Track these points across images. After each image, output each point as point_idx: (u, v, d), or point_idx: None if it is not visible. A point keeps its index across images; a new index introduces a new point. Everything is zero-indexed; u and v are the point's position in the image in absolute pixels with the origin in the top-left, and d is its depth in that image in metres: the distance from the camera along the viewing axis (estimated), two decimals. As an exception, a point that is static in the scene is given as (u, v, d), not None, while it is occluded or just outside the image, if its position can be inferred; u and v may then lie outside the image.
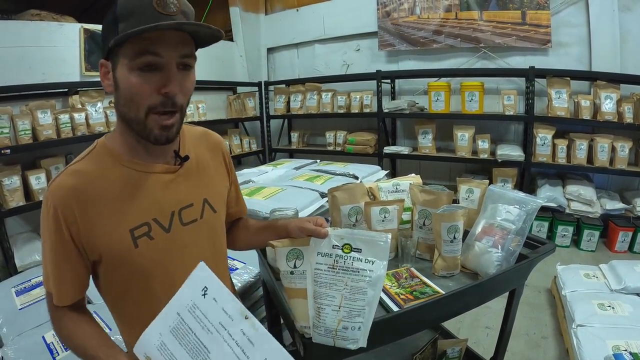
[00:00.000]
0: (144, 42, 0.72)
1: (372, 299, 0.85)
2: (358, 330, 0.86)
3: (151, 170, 0.86)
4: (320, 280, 0.85)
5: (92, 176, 0.81)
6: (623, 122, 3.33)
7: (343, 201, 1.44)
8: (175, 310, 0.74)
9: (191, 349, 0.71)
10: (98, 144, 0.86)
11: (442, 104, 4.06)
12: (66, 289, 0.83)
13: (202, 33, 0.77)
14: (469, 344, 1.82)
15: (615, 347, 1.82)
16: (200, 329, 0.71)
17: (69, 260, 0.81)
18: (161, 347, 0.73)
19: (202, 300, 0.72)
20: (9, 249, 2.92)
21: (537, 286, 2.94)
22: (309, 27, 5.10)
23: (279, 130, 5.45)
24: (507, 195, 1.37)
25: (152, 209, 0.85)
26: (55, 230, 0.79)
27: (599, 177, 3.86)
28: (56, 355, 1.63)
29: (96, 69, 3.66)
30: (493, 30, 3.95)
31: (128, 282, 0.85)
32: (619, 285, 2.35)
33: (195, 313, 0.72)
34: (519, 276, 1.36)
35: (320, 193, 2.27)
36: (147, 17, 0.70)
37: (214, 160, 1.01)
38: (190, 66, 0.80)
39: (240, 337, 0.69)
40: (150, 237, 0.84)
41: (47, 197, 0.80)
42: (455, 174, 4.48)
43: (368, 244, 0.85)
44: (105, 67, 0.79)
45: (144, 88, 0.74)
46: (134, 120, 0.78)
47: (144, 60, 0.73)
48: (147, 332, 0.75)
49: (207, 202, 0.94)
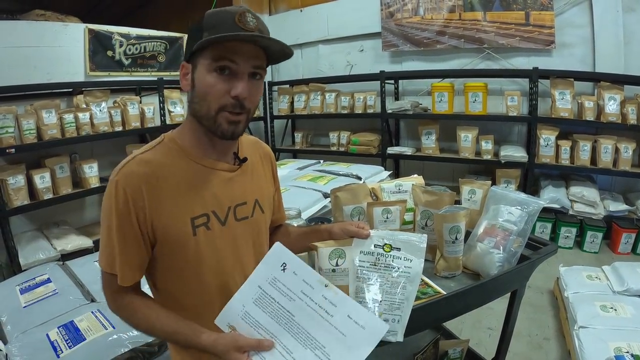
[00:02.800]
0: (223, 49, 0.82)
1: (410, 293, 0.93)
2: (397, 323, 0.92)
3: (214, 167, 0.94)
4: (363, 277, 0.93)
5: (161, 166, 0.89)
6: (627, 123, 3.31)
7: (346, 201, 1.45)
8: (257, 284, 0.82)
9: (275, 314, 0.80)
10: (166, 137, 0.94)
11: (446, 104, 4.05)
12: (130, 270, 0.89)
13: (273, 48, 0.87)
14: (470, 344, 1.82)
15: (617, 349, 1.82)
16: (283, 297, 0.80)
17: (135, 243, 0.87)
18: (245, 316, 0.81)
19: (282, 274, 0.81)
20: (14, 248, 2.94)
21: (539, 287, 2.94)
22: (312, 27, 5.11)
23: (283, 130, 5.47)
24: (509, 196, 1.38)
25: (212, 202, 0.93)
26: (125, 214, 0.85)
27: (602, 179, 3.85)
28: (60, 353, 1.65)
29: (100, 68, 3.69)
30: (497, 31, 3.94)
31: (182, 267, 0.92)
32: (622, 287, 2.34)
33: (276, 285, 0.81)
34: (521, 277, 1.36)
35: (323, 193, 2.28)
36: (228, 29, 0.81)
37: (263, 167, 1.10)
38: (261, 77, 0.89)
39: (322, 300, 0.78)
40: (208, 228, 0.91)
41: (116, 181, 0.85)
42: (459, 174, 4.47)
43: (407, 243, 0.95)
44: (186, 68, 0.89)
45: (218, 88, 0.84)
46: (205, 116, 0.87)
47: (222, 64, 0.83)
48: (229, 305, 0.83)
49: (258, 202, 1.03)
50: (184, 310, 0.92)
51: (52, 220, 3.45)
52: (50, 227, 3.35)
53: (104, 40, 3.67)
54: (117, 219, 0.85)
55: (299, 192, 2.31)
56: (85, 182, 3.38)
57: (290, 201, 2.09)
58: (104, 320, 1.82)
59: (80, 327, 1.78)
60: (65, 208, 3.50)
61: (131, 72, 3.97)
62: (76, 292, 2.09)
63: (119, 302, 0.92)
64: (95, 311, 1.89)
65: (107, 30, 3.69)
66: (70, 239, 3.22)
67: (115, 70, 3.83)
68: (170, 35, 4.26)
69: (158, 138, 0.95)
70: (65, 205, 3.41)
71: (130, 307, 0.91)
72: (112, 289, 0.91)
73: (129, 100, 3.65)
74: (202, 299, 0.88)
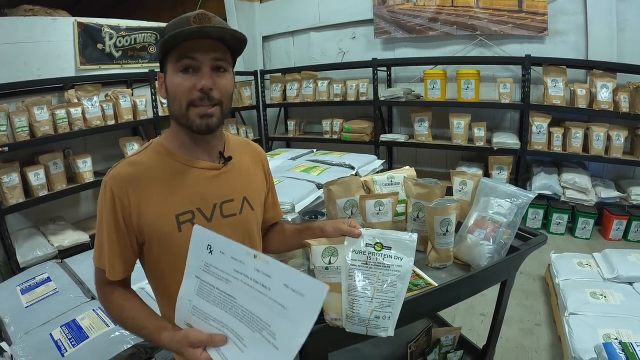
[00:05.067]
0: (183, 49, 0.87)
1: (400, 291, 0.95)
2: (388, 320, 0.95)
3: (198, 165, 0.98)
4: (355, 275, 0.96)
5: (147, 167, 0.94)
6: (619, 111, 3.34)
7: (338, 195, 1.47)
8: (193, 274, 0.80)
9: (219, 302, 0.77)
10: (153, 142, 1.00)
11: (438, 91, 4.05)
12: (118, 265, 0.93)
13: (227, 37, 0.90)
14: (463, 330, 1.86)
15: (606, 336, 1.86)
16: (219, 281, 0.77)
17: (121, 239, 0.92)
18: (194, 311, 0.80)
19: (211, 257, 0.77)
20: (11, 246, 2.94)
21: (531, 274, 2.99)
22: (304, 14, 5.06)
23: (276, 118, 5.45)
24: (499, 188, 1.40)
25: (197, 199, 0.96)
26: (112, 212, 0.90)
27: (594, 166, 3.88)
28: (64, 352, 1.66)
29: (91, 62, 3.66)
30: (489, 18, 3.93)
31: (170, 263, 0.94)
32: (612, 274, 2.38)
33: (210, 270, 0.78)
34: (510, 268, 1.39)
35: (316, 184, 2.29)
36: (185, 29, 0.84)
37: (253, 166, 1.12)
38: (224, 69, 0.93)
39: (255, 274, 0.72)
40: (193, 224, 0.92)
41: (106, 182, 0.92)
42: (452, 161, 4.50)
43: (397, 242, 0.97)
44: (161, 78, 0.95)
45: (184, 85, 0.88)
46: (179, 115, 0.92)
47: (183, 63, 0.88)
48: (178, 305, 0.83)
49: (247, 199, 1.05)
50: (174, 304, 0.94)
51: (48, 216, 3.45)
52: (47, 224, 3.35)
53: (93, 33, 3.62)
54: (105, 217, 0.91)
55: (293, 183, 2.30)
56: (79, 177, 3.37)
57: (284, 193, 2.09)
58: (105, 317, 1.83)
59: (82, 325, 1.80)
60: (61, 204, 3.49)
61: (122, 64, 3.93)
62: (76, 290, 2.10)
63: (108, 298, 0.97)
64: (96, 309, 1.90)
65: (96, 23, 3.63)
66: (67, 234, 3.22)
67: (106, 63, 3.79)
68: (161, 26, 4.20)
69: (147, 143, 1.01)
70: (61, 201, 3.40)
71: (115, 302, 0.96)
72: (101, 283, 0.97)
73: (120, 94, 3.61)
74: None
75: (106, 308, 0.97)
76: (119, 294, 0.95)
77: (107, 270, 0.93)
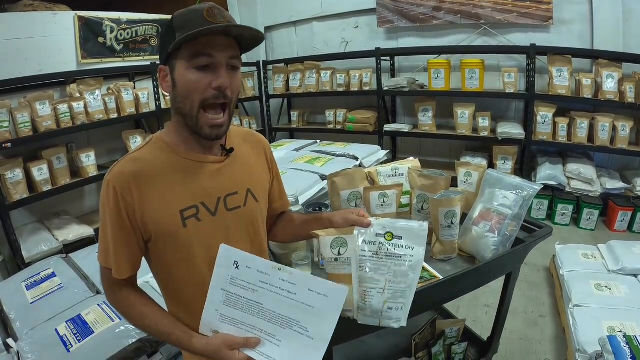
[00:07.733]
0: (199, 46, 0.85)
1: (412, 281, 0.94)
2: (401, 311, 0.94)
3: (201, 160, 0.97)
4: (366, 266, 0.94)
5: (149, 163, 0.93)
6: (624, 101, 3.30)
7: (342, 186, 1.46)
8: (220, 288, 0.86)
9: (246, 308, 0.85)
10: (154, 137, 0.98)
11: (442, 81, 4.02)
12: (125, 264, 0.93)
13: (246, 35, 0.89)
14: (468, 322, 1.86)
15: (611, 329, 1.85)
16: (246, 291, 0.85)
17: (127, 237, 0.91)
18: (222, 318, 0.87)
19: (238, 271, 0.85)
20: (16, 241, 2.96)
21: (536, 265, 2.98)
22: (306, 4, 5.01)
23: (279, 109, 5.43)
24: (505, 180, 1.39)
25: (201, 194, 0.95)
26: (116, 211, 0.89)
27: (599, 156, 3.85)
28: (70, 347, 1.67)
29: (92, 56, 3.64)
30: (494, 7, 3.87)
31: (175, 258, 0.95)
32: (617, 266, 2.36)
33: (236, 282, 0.85)
34: (515, 260, 1.38)
35: (320, 175, 2.28)
36: (199, 26, 0.82)
37: (256, 157, 1.11)
38: (237, 67, 0.91)
39: (281, 283, 0.83)
40: (198, 219, 0.94)
41: (108, 180, 0.90)
42: (456, 151, 4.48)
43: (408, 231, 0.94)
44: (164, 71, 0.91)
45: (199, 84, 0.86)
46: (189, 115, 0.90)
47: (200, 61, 0.86)
48: (204, 315, 0.88)
49: (250, 191, 1.04)
50: (185, 299, 0.97)
51: (53, 211, 3.46)
52: (51, 218, 3.37)
53: (94, 27, 3.60)
54: (110, 216, 0.90)
55: (297, 174, 2.29)
56: (83, 171, 3.38)
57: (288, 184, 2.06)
58: (110, 312, 1.83)
59: (87, 321, 1.80)
60: (65, 198, 3.51)
61: (124, 57, 3.91)
62: (81, 285, 2.10)
63: (117, 296, 0.96)
64: (101, 303, 1.91)
65: (97, 16, 3.61)
66: (72, 228, 3.23)
67: (108, 57, 3.77)
68: (162, 18, 4.17)
69: (147, 138, 1.00)
70: (65, 195, 3.42)
71: (126, 302, 0.96)
72: (109, 283, 0.96)
73: (122, 87, 3.60)
74: (201, 290, 0.89)
75: (120, 309, 0.97)
76: (134, 297, 0.96)
77: (114, 270, 0.92)
